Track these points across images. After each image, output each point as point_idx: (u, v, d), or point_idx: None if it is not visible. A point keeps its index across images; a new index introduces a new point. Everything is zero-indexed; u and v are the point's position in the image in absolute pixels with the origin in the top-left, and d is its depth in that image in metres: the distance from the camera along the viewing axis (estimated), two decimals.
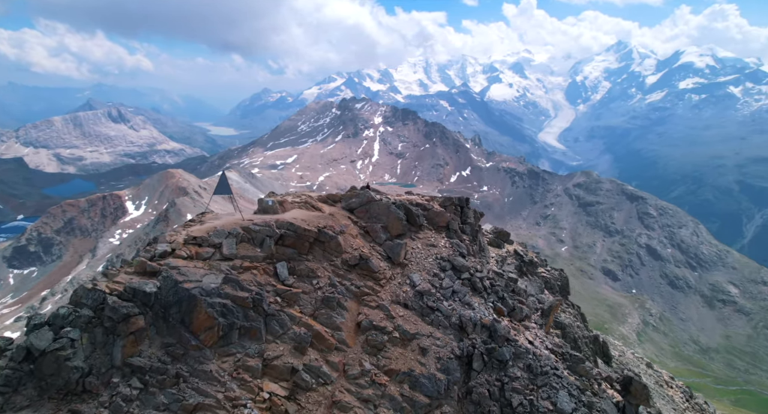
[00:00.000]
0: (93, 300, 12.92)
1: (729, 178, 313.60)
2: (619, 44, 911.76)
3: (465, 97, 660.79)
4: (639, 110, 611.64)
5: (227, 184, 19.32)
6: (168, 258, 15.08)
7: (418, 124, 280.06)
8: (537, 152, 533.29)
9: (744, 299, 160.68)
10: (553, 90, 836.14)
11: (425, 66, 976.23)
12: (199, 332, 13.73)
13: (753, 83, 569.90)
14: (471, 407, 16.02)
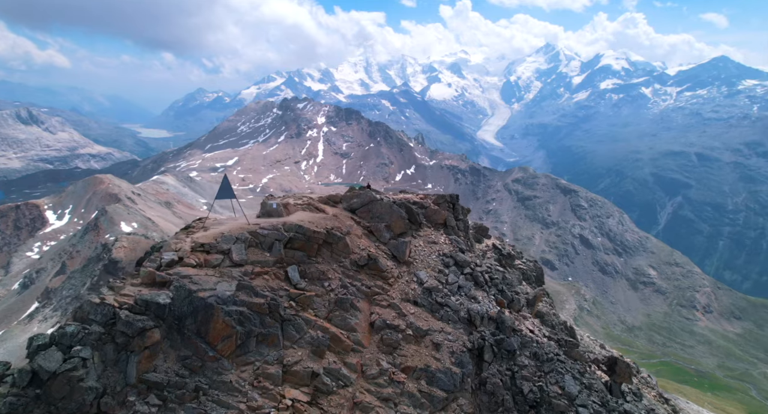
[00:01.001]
0: (102, 315, 12.08)
1: (645, 170, 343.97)
2: (548, 46, 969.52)
3: (406, 97, 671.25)
4: (567, 109, 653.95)
5: (230, 188, 18.51)
6: (175, 267, 14.36)
7: (361, 124, 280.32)
8: (477, 150, 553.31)
9: (661, 280, 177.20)
10: (489, 89, 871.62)
11: (366, 66, 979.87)
12: (216, 342, 13.19)
13: (660, 85, 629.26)
14: (485, 398, 16.46)
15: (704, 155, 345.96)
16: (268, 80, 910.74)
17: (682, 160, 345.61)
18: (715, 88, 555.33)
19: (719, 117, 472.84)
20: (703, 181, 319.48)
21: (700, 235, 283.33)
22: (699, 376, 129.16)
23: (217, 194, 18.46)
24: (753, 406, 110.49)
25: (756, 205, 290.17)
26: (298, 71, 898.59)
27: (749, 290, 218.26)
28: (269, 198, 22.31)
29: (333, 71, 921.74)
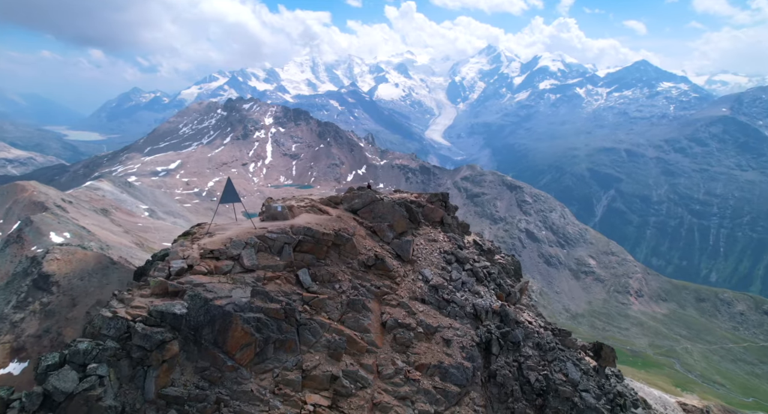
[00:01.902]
0: (116, 329, 11.47)
1: (582, 166, 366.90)
2: (489, 48, 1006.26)
3: (354, 97, 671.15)
4: (510, 108, 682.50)
5: (234, 191, 17.95)
6: (185, 275, 13.80)
7: (310, 124, 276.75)
8: (425, 149, 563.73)
9: (599, 269, 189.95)
10: (435, 90, 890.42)
11: (312, 65, 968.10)
12: (234, 351, 12.81)
13: (592, 86, 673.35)
14: (495, 389, 16.90)
15: (632, 151, 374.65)
16: (210, 80, 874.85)
17: (613, 155, 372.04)
18: (638, 90, 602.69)
19: (643, 116, 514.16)
20: (631, 175, 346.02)
21: (630, 225, 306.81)
22: (633, 355, 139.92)
23: (221, 198, 17.89)
24: (678, 379, 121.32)
25: (675, 196, 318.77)
26: (242, 71, 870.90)
27: (672, 274, 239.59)
28: (269, 201, 21.84)
29: (279, 71, 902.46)
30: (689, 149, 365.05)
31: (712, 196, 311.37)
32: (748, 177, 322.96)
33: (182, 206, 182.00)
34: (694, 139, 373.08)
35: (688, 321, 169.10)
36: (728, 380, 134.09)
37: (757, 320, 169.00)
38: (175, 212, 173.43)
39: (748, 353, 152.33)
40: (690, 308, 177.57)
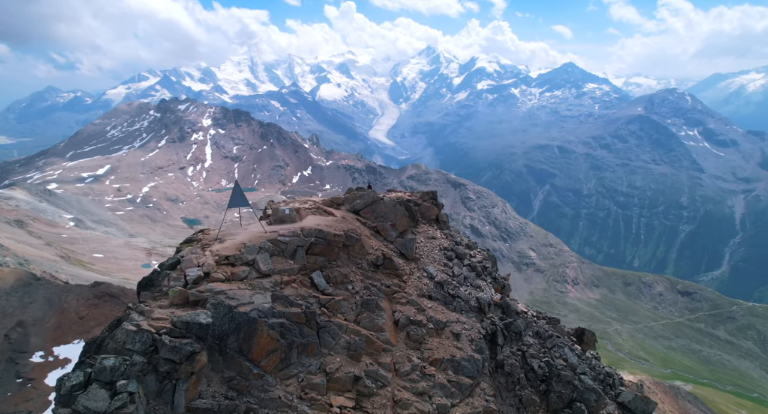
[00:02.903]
0: (141, 343, 11.08)
1: (519, 163, 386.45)
2: (429, 49, 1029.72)
3: (296, 97, 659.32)
4: (450, 108, 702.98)
5: (243, 195, 17.50)
6: (202, 283, 13.51)
7: (252, 126, 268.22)
8: (370, 149, 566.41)
9: (539, 260, 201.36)
10: (377, 90, 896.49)
11: (251, 65, 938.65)
12: (259, 358, 12.73)
13: (526, 86, 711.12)
14: (502, 379, 17.50)
15: (564, 148, 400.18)
16: (140, 79, 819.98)
17: (547, 152, 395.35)
18: (567, 90, 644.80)
19: (572, 115, 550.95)
20: (564, 170, 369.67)
21: (565, 217, 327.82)
22: None
23: (229, 203, 17.45)
24: (611, 358, 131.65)
25: (603, 189, 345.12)
26: (174, 70, 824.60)
27: (603, 261, 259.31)
28: (271, 204, 21.55)
29: (215, 70, 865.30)
30: (613, 145, 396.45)
31: (633, 189, 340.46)
32: (662, 170, 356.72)
33: (114, 214, 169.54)
34: (617, 136, 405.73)
35: (617, 304, 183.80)
36: (651, 355, 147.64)
37: (673, 299, 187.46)
38: (107, 221, 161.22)
39: (665, 329, 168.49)
40: (619, 292, 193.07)
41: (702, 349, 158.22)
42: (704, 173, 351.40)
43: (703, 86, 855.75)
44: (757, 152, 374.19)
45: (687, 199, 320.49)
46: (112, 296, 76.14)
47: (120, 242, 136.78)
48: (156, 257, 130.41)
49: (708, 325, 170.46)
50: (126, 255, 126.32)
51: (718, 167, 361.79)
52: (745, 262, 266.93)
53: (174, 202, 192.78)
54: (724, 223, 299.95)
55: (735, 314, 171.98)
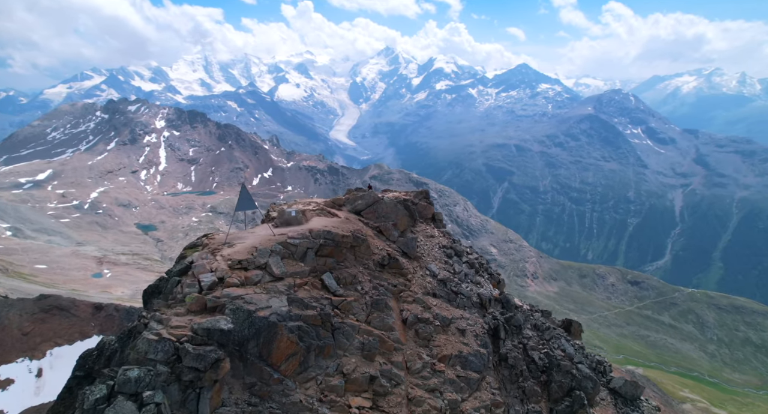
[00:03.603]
0: (164, 353, 10.86)
1: (479, 161, 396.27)
2: (387, 50, 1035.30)
3: (254, 98, 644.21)
4: (410, 108, 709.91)
5: (250, 198, 17.45)
6: (218, 289, 13.34)
7: (209, 127, 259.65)
8: (331, 149, 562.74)
9: (500, 256, 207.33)
10: (337, 90, 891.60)
11: (205, 64, 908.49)
12: (279, 363, 12.74)
13: (483, 86, 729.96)
14: (506, 371, 17.98)
15: (521, 146, 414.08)
16: (83, 78, 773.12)
17: (505, 151, 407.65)
18: (522, 91, 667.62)
19: (527, 114, 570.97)
20: (521, 168, 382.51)
21: (523, 214, 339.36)
22: None
23: (237, 206, 17.29)
24: None
25: (557, 186, 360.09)
26: (122, 69, 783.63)
27: (559, 255, 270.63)
28: (273, 206, 21.46)
29: (167, 70, 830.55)
30: (566, 144, 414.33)
31: (585, 184, 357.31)
32: (611, 167, 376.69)
33: (59, 222, 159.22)
34: (569, 135, 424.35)
35: (574, 296, 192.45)
36: (605, 343, 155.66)
37: (624, 289, 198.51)
38: (50, 229, 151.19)
39: (618, 318, 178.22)
40: (575, 285, 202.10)
41: (649, 334, 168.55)
42: (648, 169, 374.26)
43: (644, 87, 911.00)
44: (692, 149, 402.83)
45: (633, 194, 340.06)
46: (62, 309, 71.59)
47: (66, 252, 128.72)
48: (108, 266, 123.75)
49: (654, 311, 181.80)
50: (74, 265, 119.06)
51: (660, 163, 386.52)
52: (685, 252, 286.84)
53: (126, 207, 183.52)
54: (666, 216, 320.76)
55: (677, 300, 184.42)
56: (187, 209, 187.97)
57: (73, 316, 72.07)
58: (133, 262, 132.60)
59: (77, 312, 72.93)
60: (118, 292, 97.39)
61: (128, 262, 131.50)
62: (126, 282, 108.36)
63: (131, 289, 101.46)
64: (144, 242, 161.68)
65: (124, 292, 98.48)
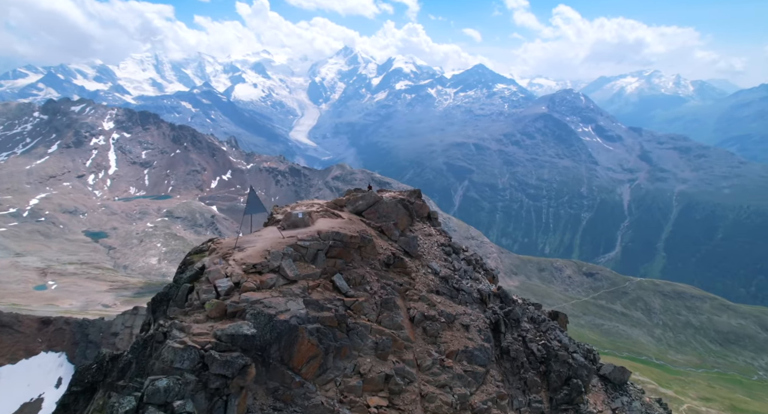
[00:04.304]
0: (190, 361, 10.72)
1: (439, 160, 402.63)
2: (346, 49, 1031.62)
3: (209, 98, 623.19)
4: (370, 108, 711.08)
5: (259, 201, 17.32)
6: (234, 294, 13.20)
7: (162, 128, 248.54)
8: (291, 150, 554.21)
9: None
10: (296, 90, 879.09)
11: (156, 63, 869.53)
12: (300, 366, 12.77)
13: (441, 86, 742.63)
14: (508, 364, 18.39)
15: (479, 145, 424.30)
16: (16, 76, 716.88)
17: (464, 150, 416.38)
18: (479, 90, 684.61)
19: (485, 113, 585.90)
20: (480, 166, 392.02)
21: (483, 211, 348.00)
22: None
23: (246, 209, 17.16)
24: None
25: (515, 183, 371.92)
26: (62, 67, 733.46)
27: (519, 250, 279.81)
28: (276, 209, 21.34)
29: (114, 69, 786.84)
30: (522, 142, 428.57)
31: (541, 181, 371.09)
32: (565, 164, 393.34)
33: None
34: (525, 133, 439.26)
35: (534, 289, 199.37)
36: None
37: (580, 280, 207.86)
38: None
39: (575, 309, 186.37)
40: (535, 278, 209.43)
41: (603, 322, 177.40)
42: (598, 165, 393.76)
43: (592, 87, 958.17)
44: (637, 146, 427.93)
45: (586, 189, 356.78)
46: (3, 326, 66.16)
47: (4, 263, 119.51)
48: (54, 277, 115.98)
49: (607, 301, 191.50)
50: (13, 277, 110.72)
51: (609, 160, 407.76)
52: (633, 243, 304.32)
53: (72, 214, 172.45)
54: (615, 210, 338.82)
55: (627, 289, 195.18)
56: (141, 214, 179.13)
57: (16, 333, 66.91)
58: (81, 271, 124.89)
59: (21, 328, 67.76)
60: (66, 304, 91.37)
61: (76, 272, 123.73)
62: (75, 293, 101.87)
63: (81, 301, 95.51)
64: (94, 250, 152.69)
65: (73, 304, 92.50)
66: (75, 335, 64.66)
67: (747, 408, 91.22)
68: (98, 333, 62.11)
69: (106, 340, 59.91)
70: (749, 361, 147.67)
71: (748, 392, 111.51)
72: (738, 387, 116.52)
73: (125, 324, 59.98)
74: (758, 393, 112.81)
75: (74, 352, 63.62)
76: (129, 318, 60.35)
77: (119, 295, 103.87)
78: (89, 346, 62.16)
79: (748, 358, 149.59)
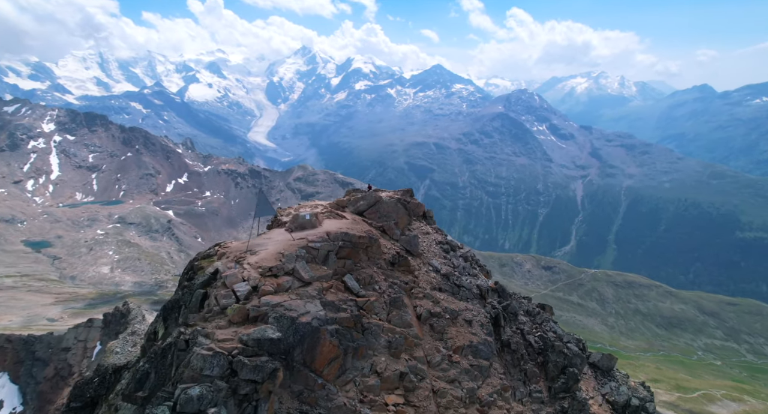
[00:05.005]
0: (219, 367, 10.68)
1: (400, 160, 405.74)
2: (304, 49, 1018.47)
3: (162, 98, 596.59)
4: (331, 108, 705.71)
5: (269, 204, 17.56)
6: (254, 298, 13.19)
7: (111, 130, 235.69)
8: (250, 152, 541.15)
9: None
10: (253, 90, 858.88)
11: (101, 61, 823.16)
12: (321, 368, 12.83)
13: (401, 86, 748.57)
14: (508, 357, 18.81)
15: (440, 144, 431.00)
16: None
17: (425, 149, 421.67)
18: (438, 90, 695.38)
19: (444, 113, 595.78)
20: (441, 165, 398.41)
21: (445, 209, 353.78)
22: None
23: (255, 212, 17.14)
24: None
25: (475, 181, 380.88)
26: None
27: (480, 247, 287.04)
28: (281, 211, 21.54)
29: (52, 66, 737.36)
30: (481, 141, 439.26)
31: (500, 179, 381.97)
32: (521, 162, 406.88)
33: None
34: (483, 132, 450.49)
35: None
36: None
37: (539, 274, 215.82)
38: None
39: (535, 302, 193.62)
40: (496, 274, 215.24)
41: (562, 314, 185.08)
42: (553, 163, 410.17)
43: (545, 87, 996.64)
44: (588, 144, 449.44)
45: (542, 186, 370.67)
46: None
47: None
48: None
49: (565, 293, 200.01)
50: None
51: (562, 157, 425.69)
52: (587, 236, 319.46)
53: (9, 222, 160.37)
54: (569, 205, 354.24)
55: (583, 281, 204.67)
56: (89, 221, 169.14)
57: None
58: (22, 284, 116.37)
59: None
60: (4, 320, 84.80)
61: (15, 285, 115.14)
62: (14, 308, 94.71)
63: (22, 316, 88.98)
64: (36, 261, 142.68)
65: (13, 320, 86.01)
66: (19, 353, 60.14)
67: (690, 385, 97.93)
68: (47, 349, 58.05)
69: (56, 356, 56.08)
70: (689, 343, 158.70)
71: (690, 371, 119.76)
72: (681, 367, 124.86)
73: (78, 338, 56.35)
74: (698, 371, 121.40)
75: (19, 372, 59.18)
76: (82, 331, 56.72)
77: (67, 307, 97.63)
78: (36, 364, 57.98)
79: (688, 339, 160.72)
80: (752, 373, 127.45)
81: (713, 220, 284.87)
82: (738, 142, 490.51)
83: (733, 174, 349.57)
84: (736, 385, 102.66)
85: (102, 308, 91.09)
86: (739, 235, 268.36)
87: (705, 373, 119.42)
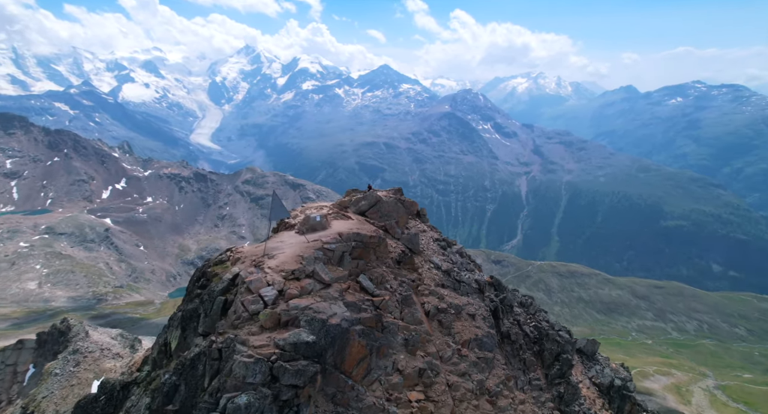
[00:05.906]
0: (261, 374, 10.73)
1: (351, 160, 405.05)
2: (248, 48, 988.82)
3: (92, 99, 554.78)
4: (278, 109, 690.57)
5: (283, 206, 17.47)
6: (280, 302, 13.20)
7: (33, 133, 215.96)
8: (194, 155, 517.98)
9: None
10: (195, 90, 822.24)
11: (15, 57, 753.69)
12: (351, 369, 12.94)
13: (349, 86, 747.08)
14: (508, 347, 19.46)
15: (389, 144, 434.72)
16: None
17: (375, 149, 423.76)
18: (385, 90, 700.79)
19: (392, 113, 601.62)
20: (392, 164, 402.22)
21: None
22: None
23: (270, 215, 17.19)
24: None
25: (425, 180, 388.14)
26: None
27: None
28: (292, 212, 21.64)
29: None
30: (429, 140, 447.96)
31: (449, 177, 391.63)
32: (469, 160, 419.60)
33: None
34: (431, 131, 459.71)
35: None
36: None
37: (490, 268, 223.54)
38: None
39: None
40: None
41: None
42: (498, 160, 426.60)
43: (488, 87, 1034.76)
44: (530, 141, 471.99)
45: (489, 183, 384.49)
46: None
47: None
48: None
49: (514, 285, 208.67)
50: None
51: (507, 154, 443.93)
52: (532, 230, 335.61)
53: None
54: (515, 201, 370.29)
55: (530, 273, 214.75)
56: (10, 233, 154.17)
57: None
58: None
59: None
60: None
61: None
62: None
63: None
64: None
65: None
66: None
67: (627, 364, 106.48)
68: None
69: None
70: (625, 325, 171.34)
71: (626, 351, 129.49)
72: (618, 348, 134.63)
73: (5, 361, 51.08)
74: (633, 351, 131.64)
75: None
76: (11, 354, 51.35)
77: None
78: None
79: (624, 322, 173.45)
80: (677, 348, 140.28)
81: (642, 211, 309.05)
82: (659, 138, 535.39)
83: (656, 168, 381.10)
84: (664, 361, 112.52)
85: (30, 328, 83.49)
86: (663, 224, 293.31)
87: (639, 352, 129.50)
